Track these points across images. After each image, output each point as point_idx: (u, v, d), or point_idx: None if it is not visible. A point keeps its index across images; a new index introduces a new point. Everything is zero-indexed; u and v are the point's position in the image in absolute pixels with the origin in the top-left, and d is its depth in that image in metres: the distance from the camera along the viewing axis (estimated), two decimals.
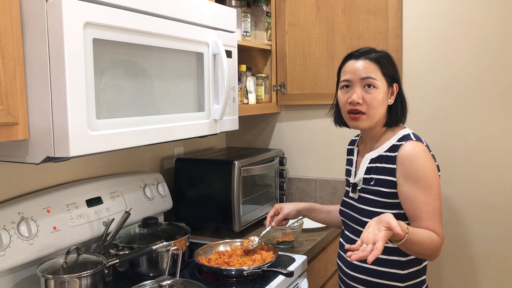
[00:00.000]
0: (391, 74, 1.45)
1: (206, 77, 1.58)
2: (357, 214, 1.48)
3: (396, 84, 1.48)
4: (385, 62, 1.45)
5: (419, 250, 1.31)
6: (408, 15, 2.11)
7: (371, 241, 1.14)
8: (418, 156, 1.37)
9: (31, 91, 1.09)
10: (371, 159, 1.47)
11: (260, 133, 2.54)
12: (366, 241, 1.15)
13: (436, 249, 1.34)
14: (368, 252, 1.12)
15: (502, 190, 2.00)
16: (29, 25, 1.07)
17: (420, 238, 1.29)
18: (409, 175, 1.37)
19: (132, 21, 1.24)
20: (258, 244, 1.66)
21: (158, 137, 1.37)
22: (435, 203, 1.36)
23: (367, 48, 1.48)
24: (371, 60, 1.43)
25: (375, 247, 1.12)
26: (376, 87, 1.42)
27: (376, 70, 1.43)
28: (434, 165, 1.40)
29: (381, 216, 1.22)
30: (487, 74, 2.00)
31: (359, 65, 1.43)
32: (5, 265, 1.31)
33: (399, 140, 1.43)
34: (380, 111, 1.44)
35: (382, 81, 1.43)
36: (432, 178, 1.37)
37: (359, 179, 1.49)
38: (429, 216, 1.35)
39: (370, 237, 1.15)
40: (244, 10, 2.19)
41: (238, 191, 1.92)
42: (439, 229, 1.36)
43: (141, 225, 1.66)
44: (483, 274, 2.07)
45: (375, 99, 1.41)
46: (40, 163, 1.12)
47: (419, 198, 1.36)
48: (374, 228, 1.18)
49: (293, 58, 2.35)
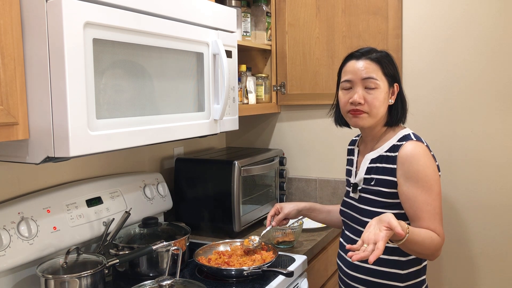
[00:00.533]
0: (392, 74, 1.46)
1: (206, 77, 1.58)
2: (358, 214, 1.48)
3: (397, 84, 1.48)
4: (386, 62, 1.45)
5: (420, 250, 1.31)
6: (408, 15, 2.11)
7: (372, 241, 1.14)
8: (418, 156, 1.37)
9: (31, 91, 1.10)
10: (371, 159, 1.47)
11: (260, 133, 2.54)
12: (367, 241, 1.15)
13: (436, 249, 1.34)
14: (369, 252, 1.12)
15: (502, 190, 2.00)
16: (29, 25, 1.07)
17: (420, 238, 1.29)
18: (409, 175, 1.37)
19: (132, 21, 1.24)
20: (258, 243, 1.66)
21: (158, 137, 1.37)
22: (435, 203, 1.36)
23: (367, 48, 1.48)
24: (372, 60, 1.43)
25: (376, 247, 1.12)
26: (377, 87, 1.41)
27: (377, 70, 1.43)
28: (435, 165, 1.40)
29: (381, 216, 1.22)
30: (487, 74, 2.00)
31: (360, 65, 1.43)
32: (5, 265, 1.31)
33: (400, 140, 1.43)
34: (381, 110, 1.44)
35: (383, 81, 1.43)
36: (432, 178, 1.37)
37: (360, 179, 1.49)
38: (429, 216, 1.35)
39: (371, 237, 1.15)
40: (244, 10, 2.19)
41: (238, 191, 1.92)
42: (440, 229, 1.36)
43: (141, 225, 1.66)
44: (483, 274, 2.07)
45: (376, 99, 1.41)
46: (40, 163, 1.12)
47: (419, 198, 1.36)
48: (375, 228, 1.18)
49: (293, 58, 2.35)
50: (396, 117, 1.48)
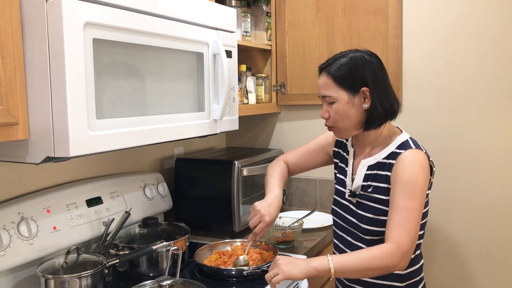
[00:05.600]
0: (350, 83, 1.38)
1: (206, 77, 1.58)
2: (355, 219, 1.46)
3: (366, 87, 1.39)
4: (341, 71, 1.39)
5: (359, 275, 1.36)
6: (408, 15, 2.11)
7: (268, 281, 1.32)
8: (414, 163, 1.34)
9: (31, 91, 1.10)
10: (369, 165, 1.45)
11: (260, 133, 2.54)
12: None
13: (388, 264, 1.28)
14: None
15: (502, 190, 2.00)
16: (29, 25, 1.07)
17: (350, 264, 1.29)
18: (399, 179, 1.34)
19: (132, 21, 1.24)
20: (244, 262, 1.58)
21: (158, 137, 1.37)
22: (413, 211, 1.30)
23: (333, 58, 1.43)
24: (328, 74, 1.41)
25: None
26: (335, 101, 1.40)
27: (331, 84, 1.40)
28: (427, 177, 1.36)
29: (292, 261, 1.32)
30: (487, 74, 2.00)
31: (319, 82, 1.44)
32: (5, 265, 1.31)
33: (399, 147, 1.40)
34: (347, 122, 1.41)
35: (340, 92, 1.39)
36: (419, 187, 1.32)
37: (357, 186, 1.47)
38: (398, 221, 1.30)
39: (267, 277, 1.32)
40: (244, 10, 2.19)
41: (238, 191, 1.92)
42: (403, 238, 1.29)
43: (141, 225, 1.66)
44: (482, 274, 2.07)
45: (336, 112, 1.41)
46: (40, 163, 1.12)
47: (398, 202, 1.32)
48: (273, 269, 1.31)
49: (293, 58, 2.35)
50: (378, 119, 1.41)
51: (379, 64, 1.42)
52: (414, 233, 1.31)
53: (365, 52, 1.42)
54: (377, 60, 1.42)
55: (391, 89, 1.45)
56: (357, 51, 1.43)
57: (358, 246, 1.45)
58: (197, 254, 1.62)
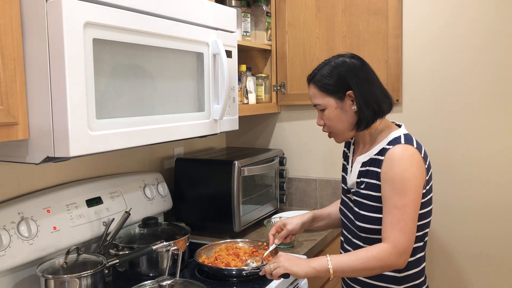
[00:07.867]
0: (333, 90, 1.42)
1: (206, 77, 1.58)
2: (353, 216, 1.47)
3: (351, 91, 1.40)
4: (324, 80, 1.43)
5: (358, 275, 1.40)
6: (408, 15, 2.11)
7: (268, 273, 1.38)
8: (400, 159, 1.33)
9: (31, 91, 1.09)
10: (362, 162, 1.45)
11: (260, 133, 2.54)
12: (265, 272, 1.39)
13: (384, 264, 1.30)
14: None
15: (502, 190, 2.00)
16: (29, 25, 1.07)
17: (348, 265, 1.32)
18: (387, 177, 1.34)
19: (132, 21, 1.24)
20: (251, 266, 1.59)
21: (158, 137, 1.37)
22: (405, 208, 1.30)
23: (318, 67, 1.48)
24: (314, 84, 1.47)
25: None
26: (325, 108, 1.45)
27: (318, 94, 1.46)
28: (418, 171, 1.34)
29: (293, 259, 1.36)
30: (487, 74, 2.00)
31: (309, 92, 1.50)
32: (5, 265, 1.31)
33: (389, 143, 1.39)
34: (341, 125, 1.45)
35: (328, 99, 1.44)
36: (409, 183, 1.31)
37: (352, 183, 1.48)
38: (391, 220, 1.31)
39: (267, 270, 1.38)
40: (244, 10, 2.19)
41: (238, 191, 1.92)
42: (398, 237, 1.29)
43: (141, 225, 1.66)
44: (482, 274, 2.07)
45: (328, 118, 1.46)
46: (40, 163, 1.12)
47: (390, 201, 1.32)
48: (274, 263, 1.37)
49: (293, 58, 2.35)
50: (368, 119, 1.42)
51: (361, 64, 1.44)
52: (409, 230, 1.31)
53: (347, 56, 1.45)
54: (359, 62, 1.44)
55: (379, 87, 1.46)
56: (339, 56, 1.46)
57: (355, 243, 1.46)
58: (197, 254, 1.62)
